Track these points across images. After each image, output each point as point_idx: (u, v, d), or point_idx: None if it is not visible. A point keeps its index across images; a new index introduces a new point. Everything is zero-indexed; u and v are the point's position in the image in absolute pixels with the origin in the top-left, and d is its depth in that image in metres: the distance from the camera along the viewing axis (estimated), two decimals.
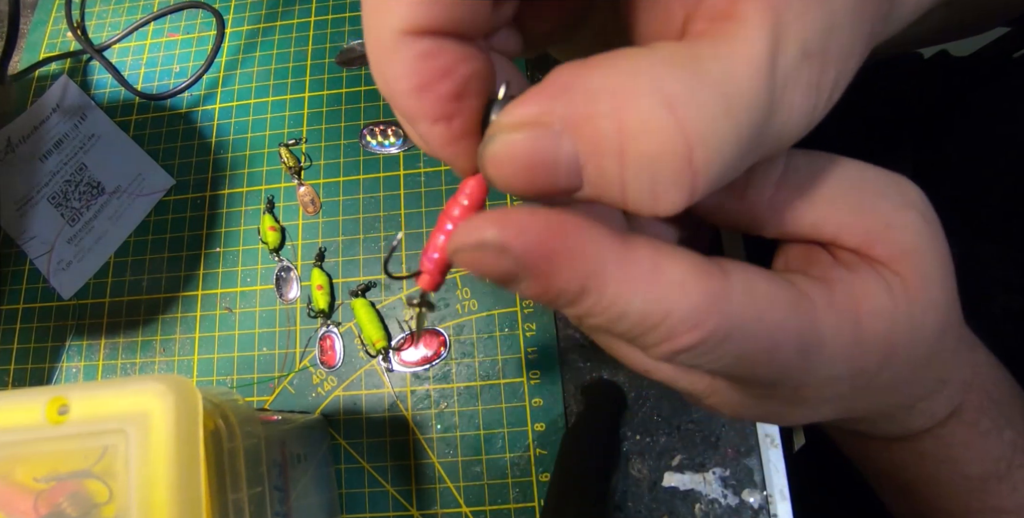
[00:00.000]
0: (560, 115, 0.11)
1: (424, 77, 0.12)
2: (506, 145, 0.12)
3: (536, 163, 0.12)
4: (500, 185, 0.12)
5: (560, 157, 0.11)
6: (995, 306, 0.36)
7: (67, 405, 0.18)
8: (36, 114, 0.43)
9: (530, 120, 0.11)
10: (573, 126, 0.11)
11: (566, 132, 0.11)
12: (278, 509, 0.24)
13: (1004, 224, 0.37)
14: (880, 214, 0.16)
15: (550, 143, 0.11)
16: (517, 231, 0.12)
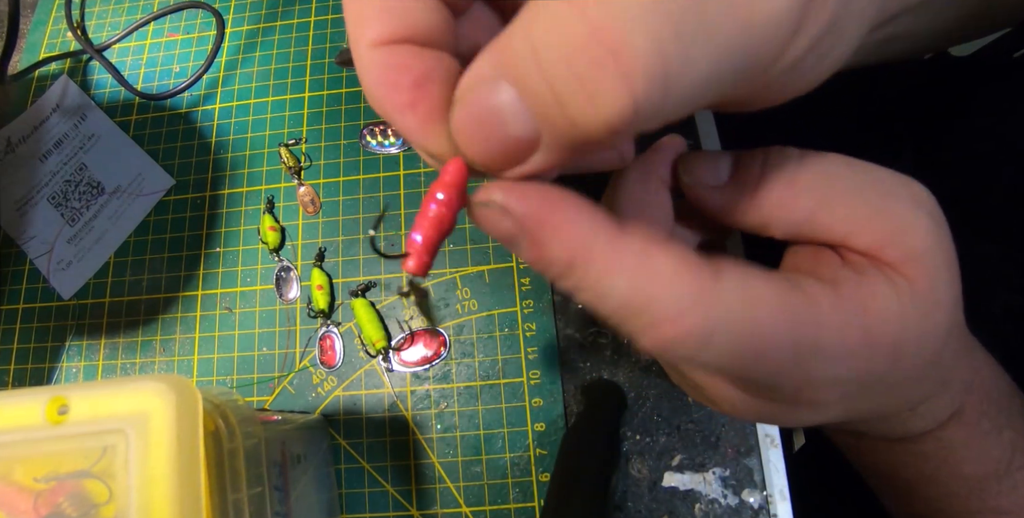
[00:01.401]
0: (489, 60, 0.12)
1: (389, 74, 0.14)
2: (458, 110, 0.13)
3: (484, 117, 0.12)
4: (469, 156, 0.13)
5: (502, 100, 0.12)
6: (996, 305, 0.36)
7: (67, 405, 0.18)
8: (36, 114, 0.43)
9: (471, 79, 0.12)
10: (497, 62, 0.12)
11: (497, 73, 0.12)
12: (278, 509, 0.24)
13: (1004, 223, 0.37)
14: (891, 217, 0.16)
15: (489, 91, 0.12)
16: (519, 196, 0.13)
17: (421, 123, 0.14)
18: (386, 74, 0.14)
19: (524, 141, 0.12)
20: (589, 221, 0.13)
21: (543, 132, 0.12)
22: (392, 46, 0.14)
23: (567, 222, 0.13)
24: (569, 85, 0.11)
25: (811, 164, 0.17)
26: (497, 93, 0.12)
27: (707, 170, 0.18)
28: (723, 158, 0.18)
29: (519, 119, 0.12)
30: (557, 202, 0.13)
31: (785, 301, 0.14)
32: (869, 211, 0.16)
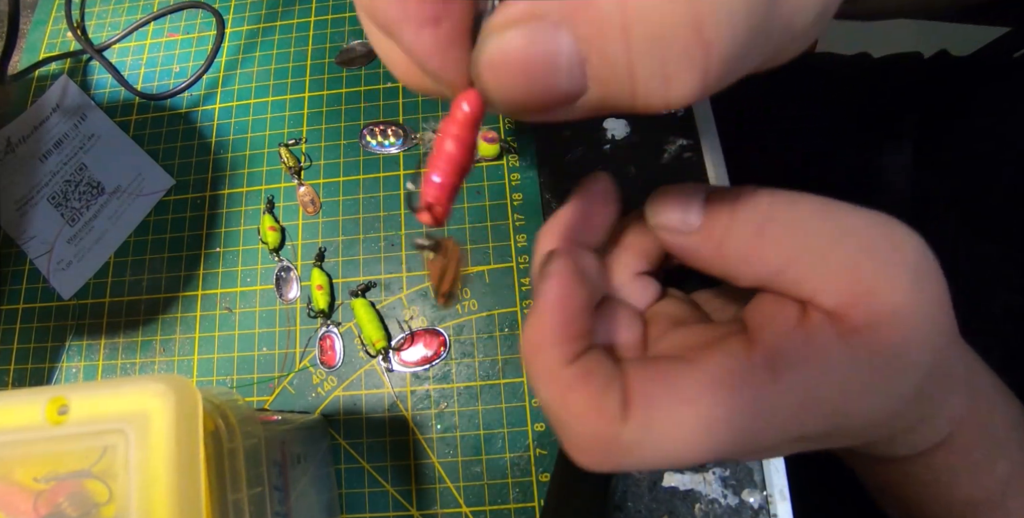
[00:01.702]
0: (558, 8, 0.10)
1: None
2: (501, 45, 0.11)
3: (534, 62, 0.11)
4: (496, 95, 0.11)
5: (560, 51, 0.10)
6: (996, 305, 0.36)
7: (67, 405, 0.18)
8: (36, 114, 0.43)
9: (525, 15, 0.10)
10: (571, 12, 0.10)
11: (564, 22, 0.10)
12: (278, 509, 0.24)
13: (1005, 223, 0.37)
14: (860, 276, 0.15)
15: (548, 36, 0.10)
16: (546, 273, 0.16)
17: (442, 44, 0.12)
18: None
19: (567, 94, 0.11)
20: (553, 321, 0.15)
21: (591, 91, 0.11)
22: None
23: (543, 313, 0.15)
24: (650, 63, 0.10)
25: (782, 212, 0.15)
26: (556, 41, 0.10)
27: (676, 213, 0.16)
28: (694, 200, 0.16)
29: (572, 73, 0.11)
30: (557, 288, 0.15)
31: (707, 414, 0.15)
32: (837, 269, 0.15)
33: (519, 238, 0.35)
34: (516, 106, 0.11)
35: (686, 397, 0.15)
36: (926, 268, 0.15)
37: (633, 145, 0.37)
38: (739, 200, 0.16)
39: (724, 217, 0.16)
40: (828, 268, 0.15)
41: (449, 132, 0.13)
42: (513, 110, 0.12)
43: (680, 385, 0.15)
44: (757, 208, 0.16)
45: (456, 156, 0.13)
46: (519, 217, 0.36)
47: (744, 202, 0.16)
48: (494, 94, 0.11)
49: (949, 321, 0.16)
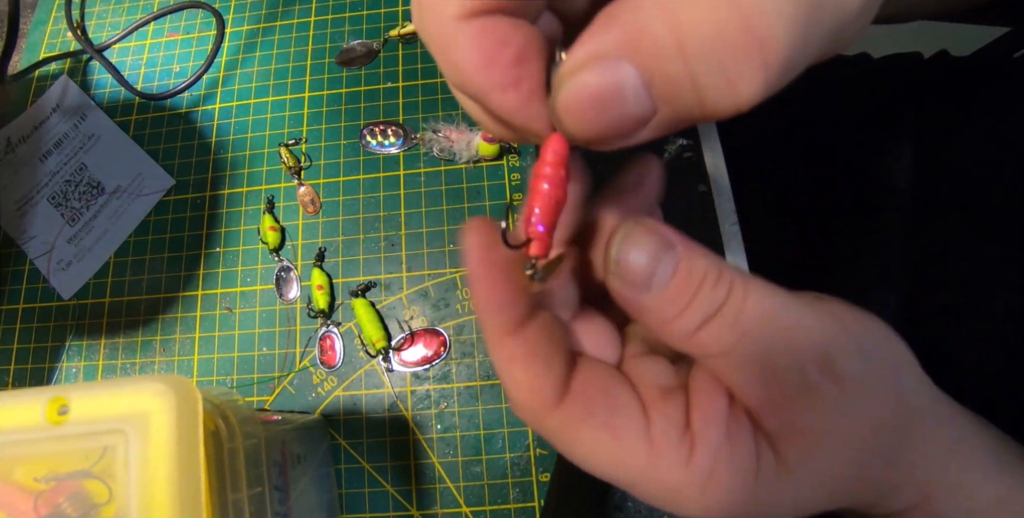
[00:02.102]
0: (614, 42, 0.12)
1: (487, 51, 0.13)
2: (573, 88, 0.12)
3: (604, 95, 0.12)
4: (576, 132, 0.13)
5: (624, 81, 0.12)
6: (997, 305, 0.36)
7: (67, 405, 0.18)
8: (36, 114, 0.43)
9: (588, 59, 0.12)
10: (628, 46, 0.11)
11: (623, 55, 0.12)
12: (278, 509, 0.24)
13: (1005, 223, 0.37)
14: (782, 389, 0.15)
15: (611, 71, 0.12)
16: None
17: (524, 101, 0.13)
18: (482, 49, 0.13)
19: (639, 118, 0.12)
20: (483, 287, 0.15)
21: (662, 110, 0.12)
22: (486, 17, 0.13)
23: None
24: (711, 72, 0.11)
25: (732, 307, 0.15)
26: (618, 72, 0.12)
27: (644, 266, 0.16)
28: (669, 257, 0.16)
29: (640, 98, 0.12)
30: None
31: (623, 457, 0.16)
32: (763, 377, 0.15)
33: None
34: (596, 138, 0.13)
35: (615, 431, 0.16)
36: (876, 375, 0.15)
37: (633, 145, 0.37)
38: (706, 276, 0.15)
39: (687, 292, 0.15)
40: (753, 373, 0.15)
41: (543, 174, 0.14)
42: (595, 142, 0.13)
43: (615, 419, 0.16)
44: (715, 295, 0.15)
45: (553, 198, 0.14)
46: (519, 217, 0.36)
47: (708, 281, 0.15)
48: (575, 131, 0.13)
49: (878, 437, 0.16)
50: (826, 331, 0.15)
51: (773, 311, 0.15)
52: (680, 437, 0.16)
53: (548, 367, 0.16)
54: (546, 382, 0.16)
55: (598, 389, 0.16)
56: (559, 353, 0.16)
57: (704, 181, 0.35)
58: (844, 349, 0.15)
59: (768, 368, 0.15)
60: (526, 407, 0.16)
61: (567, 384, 0.16)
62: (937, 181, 0.41)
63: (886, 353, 0.16)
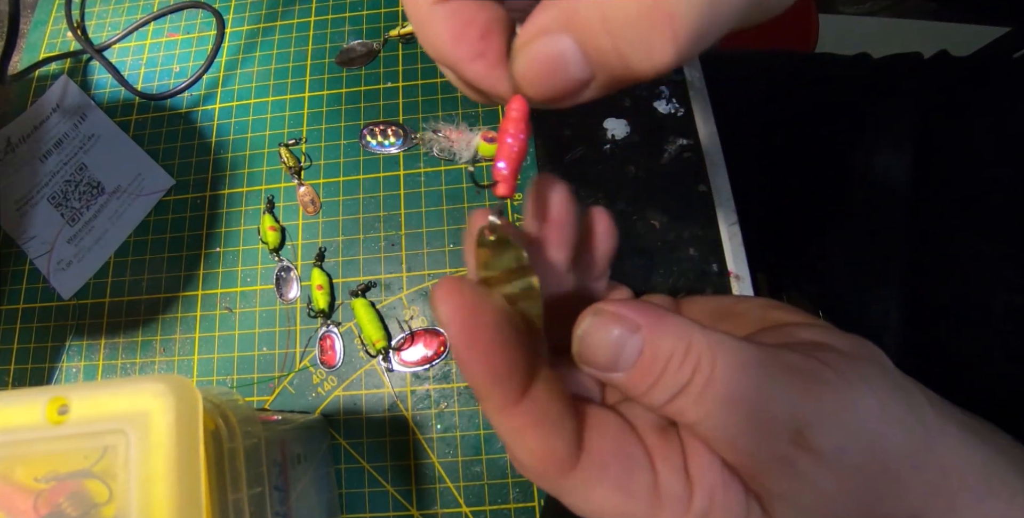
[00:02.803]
0: (554, 18, 0.14)
1: (456, 29, 0.16)
2: (525, 57, 0.15)
3: (549, 63, 0.14)
4: (531, 92, 0.15)
5: (565, 51, 0.14)
6: (997, 305, 0.36)
7: (67, 405, 0.18)
8: (36, 114, 0.43)
9: (535, 32, 0.14)
10: (565, 22, 0.14)
11: (562, 30, 0.14)
12: (278, 509, 0.24)
13: (1005, 223, 0.37)
14: (754, 460, 0.15)
15: (554, 44, 0.14)
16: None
17: (489, 69, 0.16)
18: (454, 27, 0.16)
19: (581, 81, 0.15)
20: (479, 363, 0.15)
21: (598, 74, 0.14)
22: (454, 1, 0.16)
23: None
24: (632, 44, 0.13)
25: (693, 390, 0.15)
26: (561, 44, 0.14)
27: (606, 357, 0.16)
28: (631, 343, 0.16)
29: (579, 65, 0.14)
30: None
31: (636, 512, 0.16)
32: (735, 448, 0.15)
33: None
34: (549, 98, 0.15)
35: (628, 490, 0.16)
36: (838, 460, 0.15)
37: (633, 145, 0.37)
38: (672, 356, 0.16)
39: (652, 373, 0.16)
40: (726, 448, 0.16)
41: (507, 131, 0.17)
42: (548, 101, 0.15)
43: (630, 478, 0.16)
44: (680, 375, 0.15)
45: (515, 148, 0.17)
46: (519, 217, 0.36)
47: (674, 362, 0.16)
48: (530, 93, 0.15)
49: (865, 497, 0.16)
50: (800, 402, 0.15)
51: (741, 386, 0.15)
52: (684, 486, 0.16)
53: (559, 429, 0.16)
54: (560, 446, 0.16)
55: (612, 445, 0.16)
56: (567, 410, 0.16)
57: (704, 181, 0.35)
58: (819, 421, 0.15)
59: (739, 439, 0.15)
60: (540, 473, 0.16)
61: (580, 443, 0.16)
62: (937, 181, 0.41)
63: (874, 403, 0.16)
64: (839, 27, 1.16)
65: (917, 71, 0.46)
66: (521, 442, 0.16)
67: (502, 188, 0.17)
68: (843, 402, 0.15)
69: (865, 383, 0.16)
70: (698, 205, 0.35)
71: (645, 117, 0.37)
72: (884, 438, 0.16)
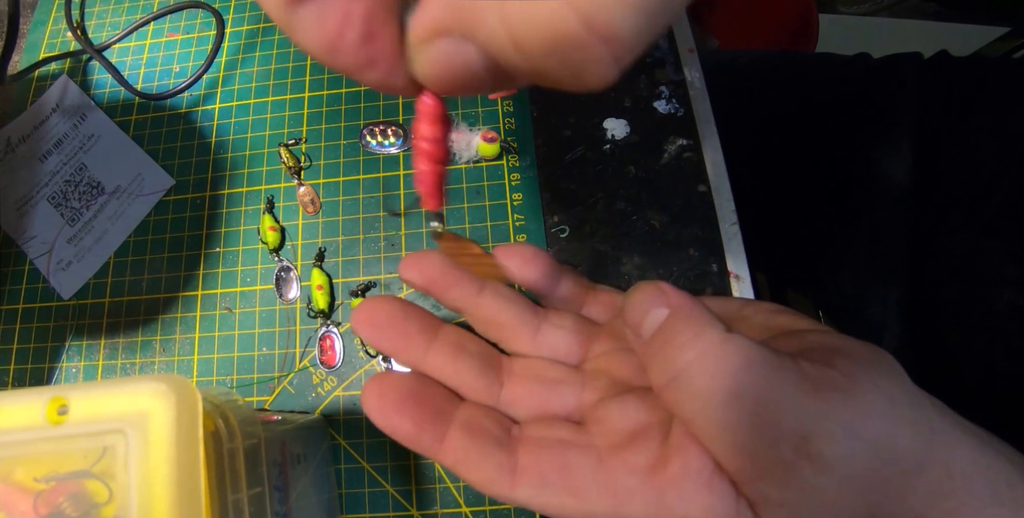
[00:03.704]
0: (452, 19, 0.11)
1: (330, 37, 0.12)
2: (425, 65, 0.12)
3: (456, 70, 0.12)
4: (439, 91, 0.14)
5: (472, 60, 0.12)
6: (1000, 303, 0.36)
7: (67, 405, 0.18)
8: (36, 114, 0.43)
9: (431, 33, 0.12)
10: (468, 28, 0.11)
11: (466, 36, 0.11)
12: (278, 509, 0.24)
13: (1009, 222, 0.37)
14: (754, 463, 0.15)
15: (457, 50, 0.12)
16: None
17: (384, 75, 0.13)
18: (326, 34, 0.12)
19: (495, 80, 0.13)
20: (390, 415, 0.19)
21: (514, 80, 0.12)
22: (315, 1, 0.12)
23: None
24: (553, 66, 0.11)
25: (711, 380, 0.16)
26: (464, 51, 0.12)
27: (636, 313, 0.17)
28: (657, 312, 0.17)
29: (488, 72, 0.12)
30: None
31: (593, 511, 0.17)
32: (736, 450, 0.16)
33: (519, 238, 0.35)
34: (459, 94, 0.13)
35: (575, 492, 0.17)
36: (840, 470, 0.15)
37: (633, 145, 0.37)
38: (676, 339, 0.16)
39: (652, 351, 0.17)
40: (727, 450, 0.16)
41: (420, 132, 0.14)
42: (465, 96, 0.14)
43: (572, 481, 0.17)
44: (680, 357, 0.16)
45: (433, 151, 0.15)
46: (519, 217, 0.36)
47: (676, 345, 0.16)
48: (440, 92, 0.14)
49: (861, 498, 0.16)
50: (809, 409, 0.15)
51: (746, 384, 0.15)
52: (642, 483, 0.16)
53: (485, 458, 0.17)
54: (490, 472, 0.17)
55: (548, 457, 0.17)
56: (490, 441, 0.18)
57: (704, 181, 0.35)
58: (827, 430, 0.15)
59: (740, 440, 0.15)
60: (489, 494, 0.18)
61: (512, 463, 0.17)
62: (938, 180, 0.41)
63: (880, 409, 0.16)
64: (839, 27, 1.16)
65: (917, 71, 0.46)
66: (460, 473, 0.18)
67: (429, 203, 0.16)
68: (854, 410, 0.15)
69: (877, 387, 0.16)
70: (698, 205, 0.35)
71: (645, 117, 0.37)
72: (891, 439, 0.15)
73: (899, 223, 0.42)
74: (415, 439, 0.18)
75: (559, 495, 0.17)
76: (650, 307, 0.17)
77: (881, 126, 0.44)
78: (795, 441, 0.15)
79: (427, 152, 0.15)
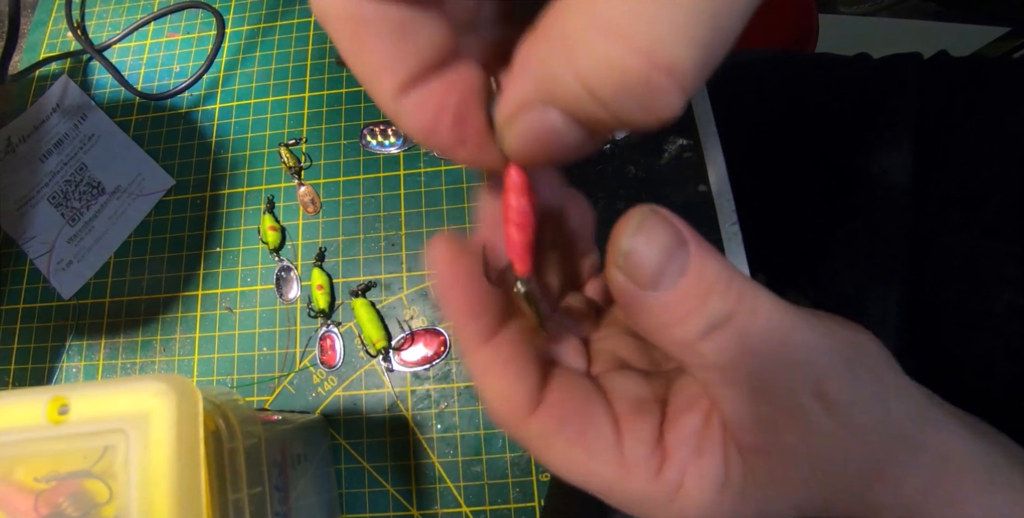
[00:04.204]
0: (533, 91, 0.13)
1: (428, 121, 0.14)
2: (513, 137, 0.14)
3: (540, 137, 0.13)
4: (528, 164, 0.15)
5: (555, 123, 0.13)
6: (999, 304, 0.36)
7: (67, 405, 0.18)
8: (36, 114, 0.43)
9: (516, 108, 0.13)
10: (546, 94, 0.13)
11: (546, 103, 0.13)
12: (278, 509, 0.24)
13: (1009, 222, 0.37)
14: (769, 409, 0.15)
15: (542, 118, 0.13)
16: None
17: (474, 152, 0.15)
18: (425, 119, 0.14)
19: (578, 144, 0.14)
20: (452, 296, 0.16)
21: (596, 132, 0.13)
22: (418, 88, 0.14)
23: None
24: (627, 105, 0.12)
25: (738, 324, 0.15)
26: (548, 117, 0.13)
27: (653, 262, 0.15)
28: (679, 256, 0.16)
29: (572, 131, 0.13)
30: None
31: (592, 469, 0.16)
32: (753, 396, 0.15)
33: None
34: (547, 165, 0.14)
35: (587, 444, 0.16)
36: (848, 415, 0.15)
37: (633, 145, 0.37)
38: (717, 281, 0.15)
39: (696, 296, 0.15)
40: (741, 395, 0.15)
41: (509, 203, 0.16)
42: (549, 166, 0.15)
43: (587, 433, 0.16)
44: (725, 303, 0.15)
45: (523, 222, 0.16)
46: None
47: (719, 287, 0.15)
48: (530, 165, 0.15)
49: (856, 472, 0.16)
50: (822, 353, 0.15)
51: (780, 329, 0.15)
52: (649, 453, 0.16)
53: (521, 376, 0.16)
54: (519, 390, 0.16)
55: (571, 400, 0.17)
56: (532, 362, 0.17)
57: (704, 181, 0.35)
58: (836, 373, 0.15)
59: (761, 387, 0.15)
60: (500, 415, 0.17)
61: (541, 394, 0.17)
62: (938, 180, 0.41)
63: (877, 374, 0.16)
64: (839, 27, 1.16)
65: (917, 71, 0.46)
66: (484, 381, 0.17)
67: (519, 266, 0.17)
68: (863, 353, 0.16)
69: (877, 345, 0.16)
70: (698, 205, 0.35)
71: None
72: (891, 413, 0.16)
73: (899, 223, 0.42)
74: (467, 320, 0.16)
75: (571, 443, 0.16)
76: (669, 251, 0.15)
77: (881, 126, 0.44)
78: (811, 384, 0.15)
79: (517, 223, 0.16)
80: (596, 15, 0.11)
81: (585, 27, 0.11)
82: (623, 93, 0.12)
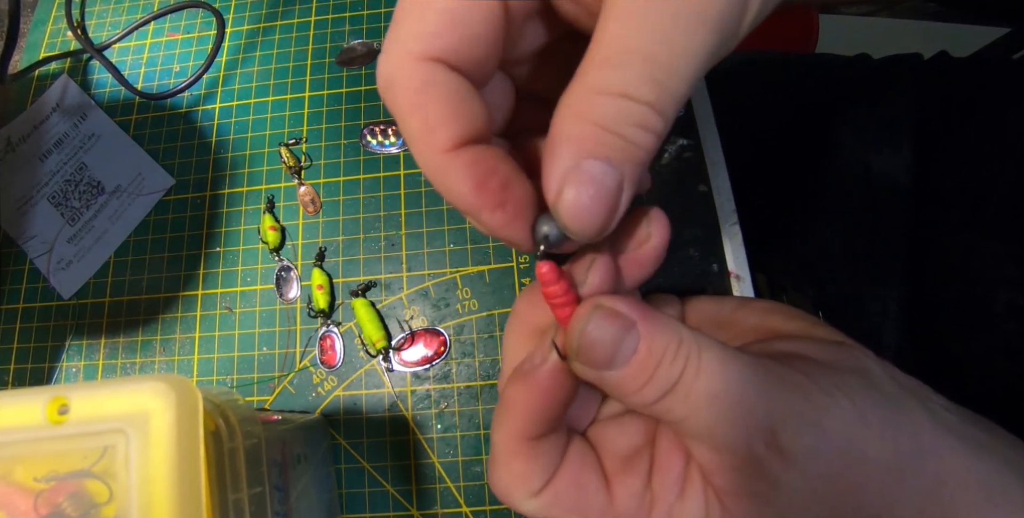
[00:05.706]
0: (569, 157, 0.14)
1: (478, 179, 0.15)
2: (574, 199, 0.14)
3: (599, 191, 0.14)
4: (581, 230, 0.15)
5: (604, 176, 0.14)
6: (999, 304, 0.36)
7: (67, 405, 0.18)
8: (36, 114, 0.43)
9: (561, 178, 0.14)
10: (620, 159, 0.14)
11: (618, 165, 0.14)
12: (278, 509, 0.24)
13: (1009, 222, 0.37)
14: (730, 459, 0.16)
15: (604, 173, 0.14)
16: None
17: (510, 219, 0.16)
18: (474, 177, 0.15)
19: (622, 193, 0.15)
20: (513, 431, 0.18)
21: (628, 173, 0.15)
22: (470, 148, 0.15)
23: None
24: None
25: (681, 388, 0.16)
26: (595, 170, 0.14)
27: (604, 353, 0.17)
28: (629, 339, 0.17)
29: (615, 176, 0.14)
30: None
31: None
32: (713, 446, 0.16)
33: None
34: (603, 230, 0.15)
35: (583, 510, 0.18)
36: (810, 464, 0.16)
37: None
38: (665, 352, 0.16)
39: (647, 369, 0.16)
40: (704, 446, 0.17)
41: (548, 293, 0.17)
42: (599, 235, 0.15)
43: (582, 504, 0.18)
44: (672, 371, 0.16)
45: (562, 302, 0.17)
46: None
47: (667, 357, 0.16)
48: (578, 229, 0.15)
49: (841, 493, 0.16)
50: (776, 406, 0.16)
51: (725, 386, 0.16)
52: (638, 504, 0.18)
53: (545, 470, 0.18)
54: (536, 479, 0.18)
55: (573, 478, 0.18)
56: (558, 457, 0.18)
57: (704, 181, 0.35)
58: (792, 425, 0.16)
59: (718, 438, 0.16)
60: (508, 491, 0.18)
61: (552, 478, 0.18)
62: (938, 180, 0.41)
63: (859, 410, 0.16)
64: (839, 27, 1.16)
65: (917, 71, 0.46)
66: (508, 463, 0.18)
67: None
68: (817, 407, 0.16)
69: (843, 392, 0.16)
70: (698, 205, 0.35)
71: None
72: (864, 446, 0.16)
73: (899, 223, 0.42)
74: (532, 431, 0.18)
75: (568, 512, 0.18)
76: (619, 337, 0.16)
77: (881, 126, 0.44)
78: (766, 434, 0.16)
79: (560, 306, 0.18)
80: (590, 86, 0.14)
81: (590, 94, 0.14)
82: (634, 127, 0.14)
